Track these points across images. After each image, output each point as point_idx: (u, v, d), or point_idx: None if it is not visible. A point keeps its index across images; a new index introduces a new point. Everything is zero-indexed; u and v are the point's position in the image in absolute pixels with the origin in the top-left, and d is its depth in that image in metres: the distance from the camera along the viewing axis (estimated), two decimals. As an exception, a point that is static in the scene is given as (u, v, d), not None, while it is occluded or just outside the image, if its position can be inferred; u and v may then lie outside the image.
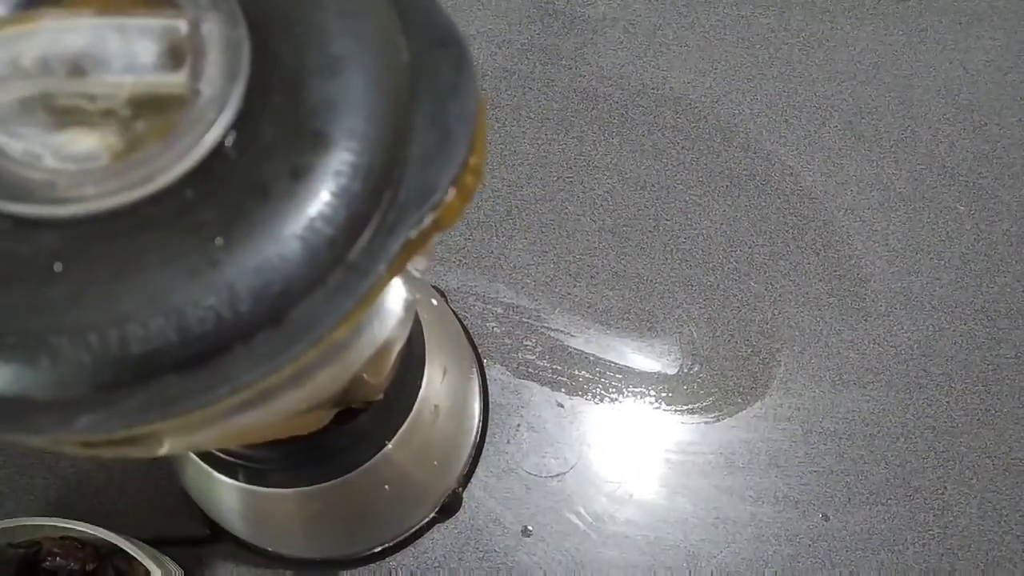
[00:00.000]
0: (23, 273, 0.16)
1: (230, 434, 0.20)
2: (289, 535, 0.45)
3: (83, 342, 0.16)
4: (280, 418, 0.22)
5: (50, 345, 0.16)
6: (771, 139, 0.64)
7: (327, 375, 0.19)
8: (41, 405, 0.16)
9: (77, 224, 0.16)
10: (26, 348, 0.16)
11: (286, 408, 0.20)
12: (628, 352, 0.58)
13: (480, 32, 0.66)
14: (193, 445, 0.20)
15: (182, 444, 0.19)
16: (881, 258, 0.61)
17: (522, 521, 0.53)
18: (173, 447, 0.19)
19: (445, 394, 0.43)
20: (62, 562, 0.47)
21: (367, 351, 0.21)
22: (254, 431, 0.23)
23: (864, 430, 0.56)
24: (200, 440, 0.19)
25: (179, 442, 0.19)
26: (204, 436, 0.19)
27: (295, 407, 0.20)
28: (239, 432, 0.21)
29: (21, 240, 0.16)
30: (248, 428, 0.21)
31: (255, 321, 0.16)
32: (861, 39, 0.67)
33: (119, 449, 0.18)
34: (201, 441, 0.19)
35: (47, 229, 0.16)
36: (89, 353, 0.16)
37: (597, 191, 0.62)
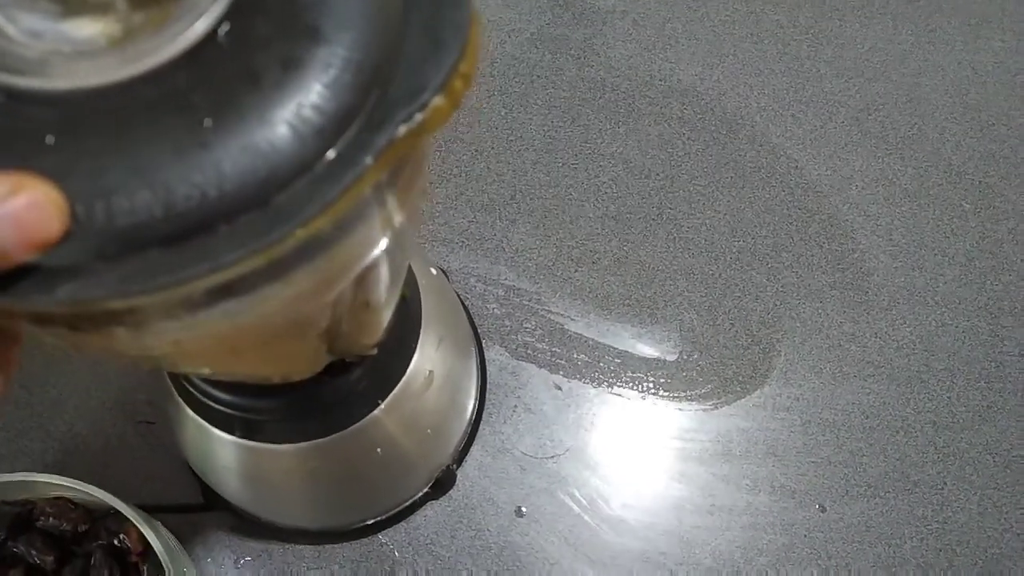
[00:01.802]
0: (16, 144, 0.16)
1: (215, 336, 0.20)
2: (282, 498, 0.45)
3: (70, 212, 0.16)
4: (267, 328, 0.22)
5: None
6: (777, 132, 0.64)
7: (309, 277, 0.19)
8: (25, 272, 0.16)
9: (70, 99, 0.17)
10: None
11: (270, 309, 0.20)
12: (627, 337, 0.57)
13: (490, 21, 0.67)
14: (177, 343, 0.20)
15: (165, 336, 0.19)
16: (885, 252, 0.61)
17: (516, 502, 0.53)
18: (156, 339, 0.19)
19: (440, 362, 0.43)
20: (55, 522, 0.47)
21: (352, 263, 0.22)
22: (242, 342, 0.23)
23: (863, 423, 0.56)
24: (184, 333, 0.19)
25: (162, 332, 0.19)
26: (188, 329, 0.19)
27: (279, 310, 0.20)
28: (225, 337, 0.21)
29: (15, 113, 0.17)
30: (234, 333, 0.21)
31: (239, 202, 0.17)
32: (870, 37, 0.68)
33: (101, 334, 0.18)
34: (185, 336, 0.20)
35: (41, 104, 0.17)
36: (75, 222, 0.16)
37: (602, 178, 0.62)
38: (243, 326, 0.21)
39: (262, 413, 0.37)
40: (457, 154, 0.62)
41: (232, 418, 0.38)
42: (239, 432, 0.39)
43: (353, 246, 0.20)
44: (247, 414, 0.37)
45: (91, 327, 0.18)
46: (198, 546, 0.51)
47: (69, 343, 0.20)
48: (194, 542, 0.51)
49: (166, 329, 0.19)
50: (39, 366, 0.54)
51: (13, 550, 0.46)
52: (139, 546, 0.46)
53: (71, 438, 0.53)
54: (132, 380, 0.54)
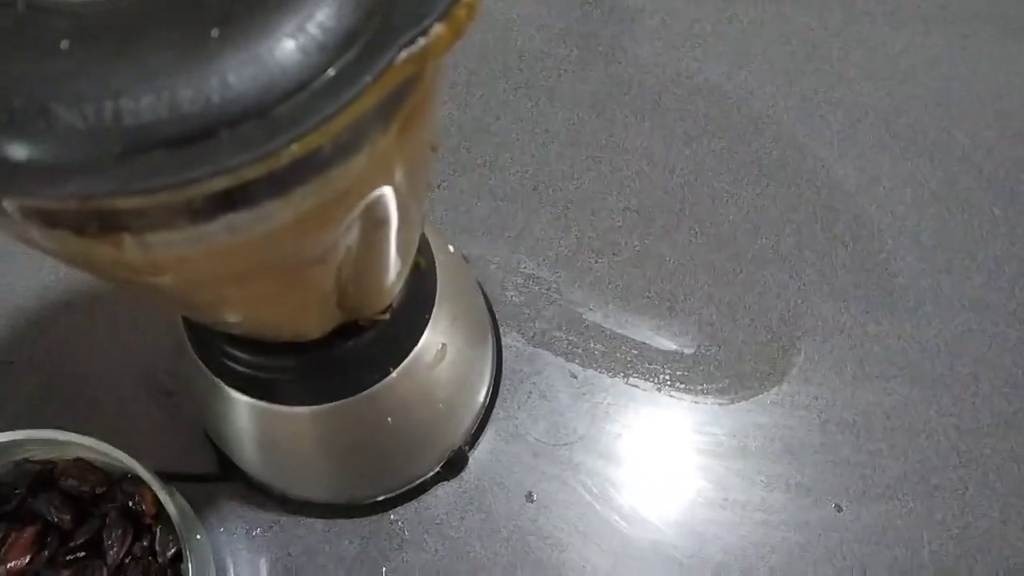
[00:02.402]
0: (34, 47, 0.17)
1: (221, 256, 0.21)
2: (295, 465, 0.45)
3: (79, 111, 0.17)
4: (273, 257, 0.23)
5: (49, 111, 0.17)
6: (804, 132, 0.64)
7: (310, 198, 0.20)
8: (35, 169, 0.17)
9: (86, 10, 0.18)
10: (28, 112, 0.17)
11: (273, 230, 0.20)
12: (646, 329, 0.57)
13: (520, 16, 0.68)
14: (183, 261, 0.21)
15: (171, 249, 0.20)
16: (912, 255, 0.60)
17: (527, 487, 0.53)
18: (162, 252, 0.20)
19: (453, 338, 0.43)
20: (74, 483, 0.48)
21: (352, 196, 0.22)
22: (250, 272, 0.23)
23: (884, 424, 0.55)
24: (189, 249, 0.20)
25: (167, 244, 0.19)
26: (193, 242, 0.20)
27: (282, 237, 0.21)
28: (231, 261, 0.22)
29: (34, 21, 0.18)
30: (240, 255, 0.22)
31: (242, 110, 0.17)
32: (901, 41, 0.67)
33: (107, 241, 0.19)
34: (191, 254, 0.20)
35: (59, 14, 0.18)
36: (84, 121, 0.17)
37: (625, 172, 0.62)
38: (248, 248, 0.21)
39: (277, 372, 0.37)
40: (482, 145, 0.63)
41: (248, 378, 0.38)
42: (254, 393, 0.39)
43: (353, 175, 0.21)
44: (262, 373, 0.37)
45: (97, 231, 0.19)
46: (212, 515, 0.51)
47: (77, 254, 0.20)
48: (208, 511, 0.52)
49: (171, 241, 0.19)
50: (64, 334, 0.56)
51: (32, 507, 0.47)
52: (153, 508, 0.47)
53: (93, 406, 0.54)
54: (154, 351, 0.55)
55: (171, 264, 0.21)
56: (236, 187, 0.18)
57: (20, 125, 0.17)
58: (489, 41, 0.67)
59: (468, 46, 0.67)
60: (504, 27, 0.68)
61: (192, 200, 0.18)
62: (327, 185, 0.20)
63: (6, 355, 0.56)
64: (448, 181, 0.62)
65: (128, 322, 0.56)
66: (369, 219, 0.25)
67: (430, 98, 0.23)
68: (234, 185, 0.18)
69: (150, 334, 0.56)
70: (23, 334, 0.56)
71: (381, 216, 0.26)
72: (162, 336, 0.55)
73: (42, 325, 0.57)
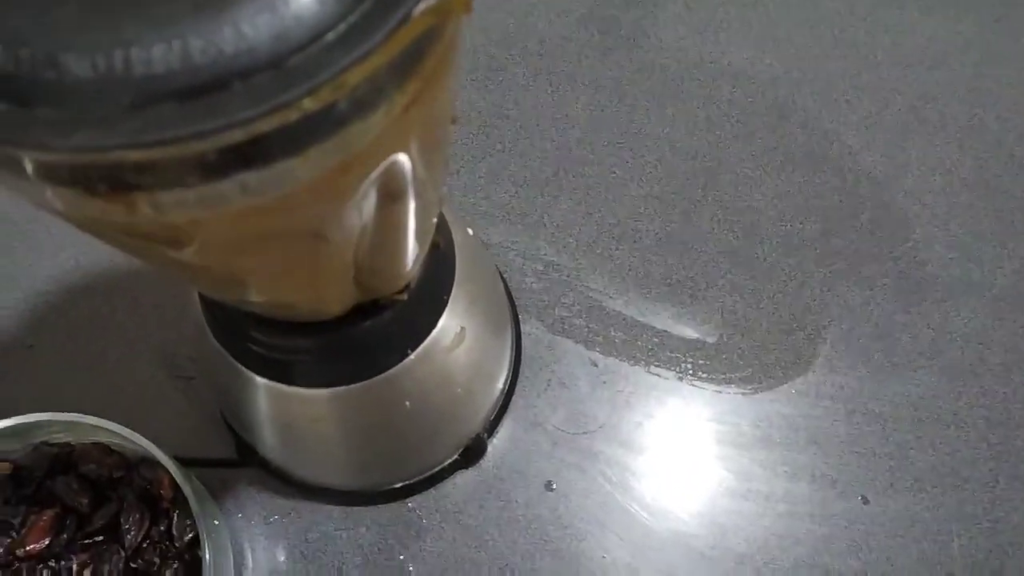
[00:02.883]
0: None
1: (235, 219, 0.21)
2: (312, 450, 0.45)
3: (89, 61, 0.16)
4: (288, 223, 0.22)
5: (58, 61, 0.16)
6: (830, 118, 0.62)
7: (324, 158, 0.19)
8: (42, 121, 0.16)
9: None
10: (36, 62, 0.16)
11: (286, 192, 0.20)
12: (667, 317, 0.56)
13: (541, 1, 0.67)
14: (197, 224, 0.20)
15: (184, 210, 0.19)
16: (940, 243, 0.59)
17: (546, 476, 0.52)
18: (175, 212, 0.19)
19: (472, 322, 0.43)
20: (92, 467, 0.48)
21: (368, 159, 0.21)
22: (266, 239, 0.23)
23: (912, 414, 0.54)
24: (203, 210, 0.19)
25: (180, 204, 0.19)
26: (206, 203, 0.19)
27: (297, 202, 0.20)
28: (246, 225, 0.21)
29: None
30: (254, 220, 0.21)
31: (255, 61, 0.17)
32: (930, 26, 0.66)
33: (118, 201, 0.18)
34: (205, 216, 0.20)
35: None
36: (94, 72, 0.16)
37: (647, 158, 0.61)
38: (263, 213, 0.21)
39: (295, 353, 0.37)
40: (501, 129, 0.62)
41: (266, 359, 0.38)
42: (272, 375, 0.39)
43: (370, 135, 0.20)
44: (280, 354, 0.37)
45: (108, 189, 0.18)
46: (229, 501, 0.51)
47: (91, 217, 0.20)
48: (225, 497, 0.51)
49: (184, 201, 0.19)
50: (85, 317, 0.56)
51: (51, 490, 0.47)
52: (170, 493, 0.47)
53: (112, 389, 0.54)
54: (174, 335, 0.55)
55: (185, 229, 0.21)
56: (249, 142, 0.17)
57: (27, 76, 0.17)
58: (509, 26, 0.66)
59: (488, 30, 0.66)
60: (525, 11, 0.67)
61: (204, 155, 0.17)
62: (344, 145, 0.20)
63: (26, 338, 0.56)
64: (466, 166, 0.61)
65: (148, 306, 0.56)
66: (386, 191, 0.25)
67: (450, 59, 0.23)
68: (247, 139, 0.17)
69: (170, 318, 0.56)
70: (43, 317, 0.56)
71: (398, 188, 0.25)
72: (182, 320, 0.55)
73: (62, 309, 0.57)
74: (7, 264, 0.58)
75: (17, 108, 0.17)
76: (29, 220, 0.59)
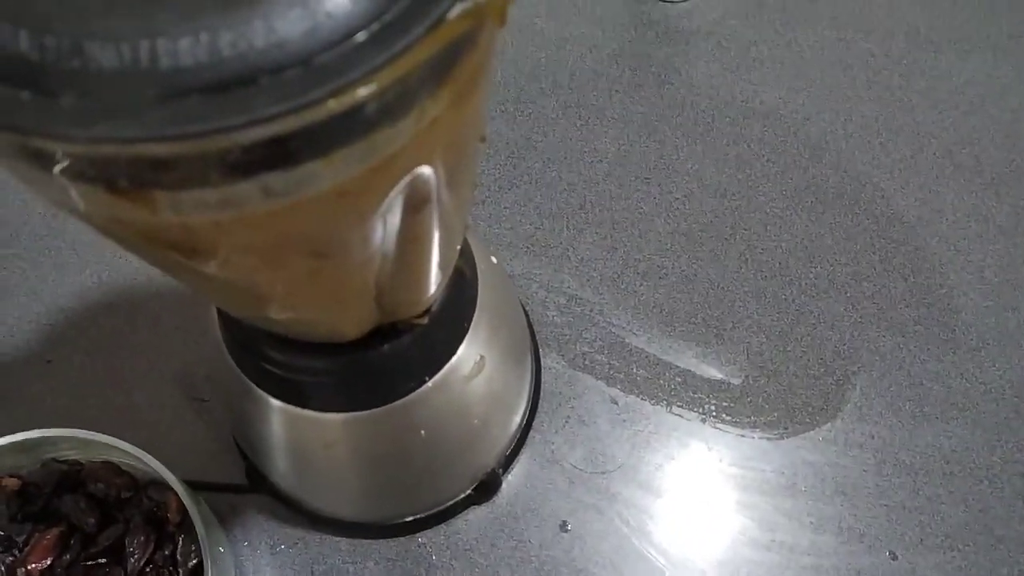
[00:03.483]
0: None
1: (258, 224, 0.20)
2: (324, 478, 0.44)
3: (115, 50, 0.16)
4: (311, 231, 0.22)
5: (83, 50, 0.16)
6: (863, 160, 0.61)
7: (351, 163, 0.19)
8: (66, 110, 0.16)
9: None
10: (60, 50, 0.16)
11: (311, 197, 0.19)
12: (691, 356, 0.55)
13: (573, 35, 0.67)
14: (219, 227, 0.20)
15: (205, 211, 0.18)
16: (975, 290, 0.57)
17: (561, 516, 0.51)
18: (196, 212, 0.19)
19: (492, 351, 0.42)
20: (101, 486, 0.47)
21: (395, 167, 0.21)
22: (288, 246, 0.22)
23: (944, 468, 0.52)
24: (224, 212, 0.19)
25: (201, 204, 0.18)
26: (227, 205, 0.18)
27: (321, 209, 0.20)
28: (268, 231, 0.21)
29: None
30: (277, 225, 0.20)
31: (284, 57, 0.16)
32: (967, 71, 0.65)
33: (139, 199, 0.18)
34: (226, 218, 0.19)
35: None
36: (119, 62, 0.16)
37: (675, 194, 0.60)
38: (285, 219, 0.20)
39: (311, 375, 0.36)
40: (528, 160, 0.62)
41: (281, 381, 0.37)
42: (287, 397, 0.38)
43: (399, 142, 0.19)
44: (297, 375, 0.36)
45: (129, 186, 0.18)
46: (236, 527, 0.50)
47: (111, 218, 0.19)
48: (233, 523, 0.50)
49: (205, 201, 0.18)
50: (104, 335, 0.56)
51: (58, 508, 0.47)
52: (177, 516, 0.46)
53: (126, 407, 0.53)
54: (193, 355, 0.55)
55: (206, 236, 0.20)
56: (274, 141, 0.17)
57: (51, 64, 0.16)
58: (541, 59, 0.66)
59: (519, 62, 0.66)
60: (556, 45, 0.67)
61: (227, 152, 0.17)
62: (371, 150, 0.19)
63: (46, 353, 0.56)
64: (492, 196, 0.60)
65: (169, 326, 0.56)
66: (411, 206, 0.24)
67: (483, 72, 0.22)
68: (272, 138, 0.17)
69: (190, 339, 0.55)
70: (63, 333, 0.56)
71: (423, 204, 0.24)
72: (201, 341, 0.55)
73: (82, 325, 0.56)
74: (32, 278, 0.58)
75: (40, 97, 0.16)
76: (55, 235, 0.59)
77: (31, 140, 0.16)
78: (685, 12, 0.68)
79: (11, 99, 0.16)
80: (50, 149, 0.17)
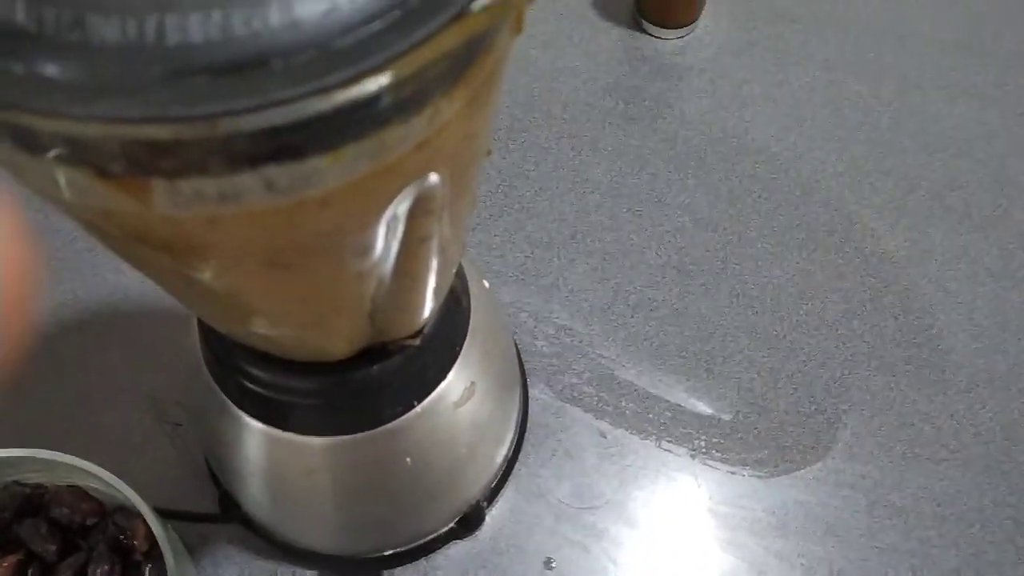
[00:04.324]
0: None
1: (255, 222, 0.19)
2: (300, 506, 0.42)
3: (119, 25, 0.15)
4: (308, 239, 0.21)
5: (85, 23, 0.15)
6: (854, 199, 0.61)
7: (358, 160, 0.18)
8: (66, 86, 0.15)
9: None
10: (60, 23, 0.15)
11: (312, 192, 0.18)
12: (681, 391, 0.54)
13: (567, 67, 0.67)
14: (214, 223, 0.18)
15: (202, 205, 0.17)
16: (965, 332, 0.57)
17: (546, 552, 0.49)
18: (193, 205, 0.17)
19: (483, 377, 0.41)
20: (65, 511, 0.45)
21: (401, 173, 0.20)
22: (283, 251, 0.21)
23: (935, 510, 0.51)
24: (222, 207, 0.17)
25: (199, 196, 0.17)
26: (226, 198, 0.17)
27: (321, 204, 0.19)
28: (265, 230, 0.20)
29: None
30: (275, 225, 0.19)
31: (299, 39, 0.15)
32: (955, 115, 0.66)
33: (134, 185, 0.17)
34: (224, 213, 0.18)
35: None
36: (123, 37, 0.15)
37: (666, 227, 0.60)
38: (285, 218, 0.19)
39: (294, 395, 0.35)
40: (520, 189, 0.61)
41: (262, 400, 0.36)
42: (267, 418, 0.37)
43: (410, 141, 0.18)
44: (279, 395, 0.35)
45: (124, 171, 0.16)
46: (206, 557, 0.48)
47: (100, 209, 0.18)
48: (203, 552, 0.48)
49: (203, 193, 0.17)
50: (76, 353, 0.54)
51: (18, 534, 0.44)
52: (145, 545, 0.43)
53: (96, 429, 0.51)
54: (167, 378, 0.53)
55: (198, 233, 0.19)
56: (281, 130, 0.16)
57: (50, 37, 0.15)
58: (535, 89, 0.66)
59: (513, 91, 0.66)
60: (550, 77, 0.67)
61: (232, 139, 0.16)
62: (380, 148, 0.18)
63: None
64: (483, 224, 0.60)
65: (142, 347, 0.54)
66: (415, 216, 0.23)
67: (496, 78, 0.21)
68: (279, 126, 0.16)
69: (165, 360, 0.53)
70: (33, 350, 0.54)
71: (427, 215, 0.23)
72: (176, 363, 0.53)
73: (53, 342, 0.54)
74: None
75: (36, 71, 0.15)
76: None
77: (22, 117, 0.15)
78: (678, 49, 0.69)
79: (3, 72, 0.15)
80: (42, 129, 0.15)
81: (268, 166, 0.17)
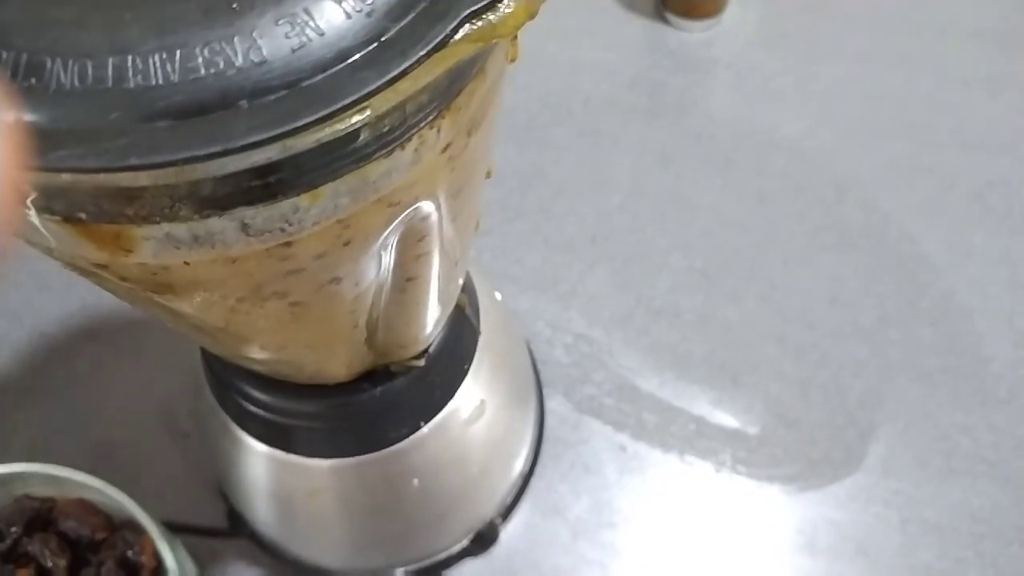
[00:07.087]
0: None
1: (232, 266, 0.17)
2: (308, 525, 0.41)
3: (77, 68, 0.14)
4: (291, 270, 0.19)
5: (42, 67, 0.14)
6: (890, 199, 0.59)
7: (338, 199, 0.16)
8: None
9: None
10: (17, 66, 0.14)
11: (293, 232, 0.16)
12: (705, 403, 0.52)
13: (588, 61, 0.65)
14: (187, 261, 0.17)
15: (176, 252, 0.16)
16: (1006, 339, 0.54)
17: (563, 571, 0.48)
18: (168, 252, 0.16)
19: (494, 394, 0.39)
20: (74, 525, 0.44)
21: (387, 209, 0.18)
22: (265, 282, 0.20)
23: (972, 528, 0.48)
24: (195, 252, 0.16)
25: (166, 238, 0.16)
26: (196, 244, 0.16)
27: (304, 245, 0.17)
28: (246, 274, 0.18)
29: None
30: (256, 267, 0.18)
31: (268, 79, 0.14)
32: (996, 110, 0.62)
33: (106, 232, 0.15)
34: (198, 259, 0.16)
35: None
36: (81, 82, 0.14)
37: (691, 229, 0.58)
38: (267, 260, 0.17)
39: (297, 418, 0.33)
40: (538, 190, 0.59)
41: (266, 424, 0.35)
42: (271, 441, 0.35)
43: (393, 178, 0.17)
44: (282, 418, 0.34)
45: (94, 216, 0.15)
46: (214, 572, 0.47)
47: (77, 254, 0.17)
48: (212, 569, 0.47)
49: (175, 238, 0.16)
50: (86, 362, 0.53)
51: (27, 548, 0.44)
52: (153, 561, 0.43)
53: (106, 443, 0.51)
54: (177, 389, 0.52)
55: (178, 273, 0.18)
56: (254, 173, 0.14)
57: (9, 80, 0.14)
58: (552, 84, 0.64)
59: (531, 87, 0.64)
60: (569, 71, 0.65)
61: (200, 184, 0.14)
62: (363, 185, 0.16)
63: (25, 380, 0.53)
64: (498, 227, 0.58)
65: (151, 357, 0.53)
66: (407, 246, 0.21)
67: (491, 103, 0.20)
68: (250, 168, 0.14)
69: (174, 370, 0.53)
70: (43, 361, 0.54)
71: (421, 244, 0.22)
72: (186, 374, 0.52)
73: (64, 353, 0.54)
74: (16, 300, 0.55)
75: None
76: (40, 256, 0.56)
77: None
78: (705, 41, 0.66)
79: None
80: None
81: (241, 209, 0.15)
